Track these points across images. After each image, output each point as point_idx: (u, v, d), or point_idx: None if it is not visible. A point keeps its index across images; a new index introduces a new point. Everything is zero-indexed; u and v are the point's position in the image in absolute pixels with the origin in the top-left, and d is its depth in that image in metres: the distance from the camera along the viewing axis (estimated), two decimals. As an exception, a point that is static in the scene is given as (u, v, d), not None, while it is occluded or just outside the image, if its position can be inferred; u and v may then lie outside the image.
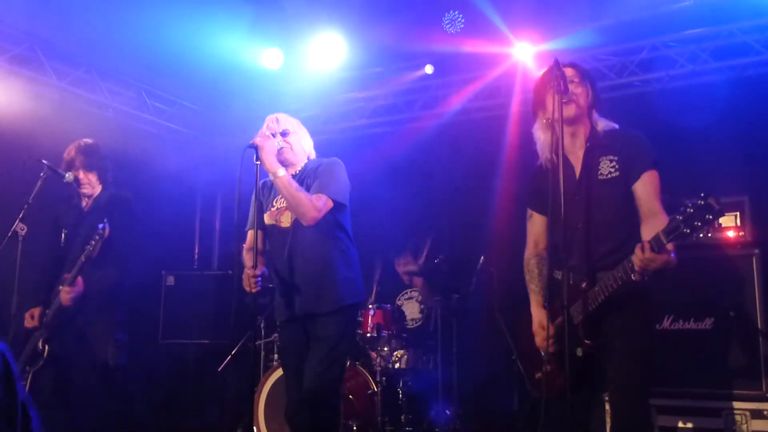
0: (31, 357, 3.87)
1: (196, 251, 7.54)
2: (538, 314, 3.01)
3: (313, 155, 3.59)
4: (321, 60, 6.01)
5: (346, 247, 3.44)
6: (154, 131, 6.59)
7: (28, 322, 3.92)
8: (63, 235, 4.10)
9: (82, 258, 3.78)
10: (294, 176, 3.40)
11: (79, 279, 3.82)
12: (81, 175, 4.09)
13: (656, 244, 2.46)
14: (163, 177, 6.36)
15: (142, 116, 6.44)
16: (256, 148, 3.21)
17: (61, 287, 3.82)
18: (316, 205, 3.23)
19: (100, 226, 3.77)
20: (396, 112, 6.64)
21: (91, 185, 4.15)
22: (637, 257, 2.51)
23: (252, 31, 5.90)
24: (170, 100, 6.71)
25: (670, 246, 2.46)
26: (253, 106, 6.79)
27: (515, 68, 5.80)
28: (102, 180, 4.19)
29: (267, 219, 3.47)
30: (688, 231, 2.33)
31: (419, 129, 6.50)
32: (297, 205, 3.22)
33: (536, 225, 3.11)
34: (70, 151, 4.13)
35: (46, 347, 3.85)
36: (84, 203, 4.17)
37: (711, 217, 2.29)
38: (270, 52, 6.19)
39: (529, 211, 3.15)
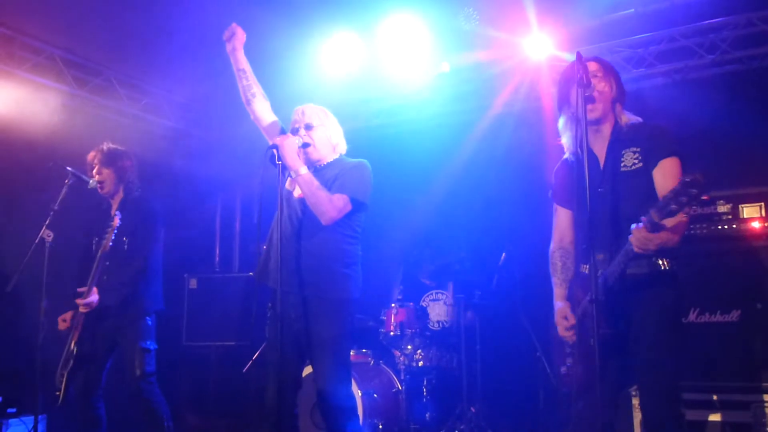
0: (66, 360, 3.95)
1: (217, 254, 7.60)
2: (560, 306, 3.00)
3: (341, 146, 3.54)
4: (334, 60, 6.00)
5: (352, 244, 3.39)
6: (172, 135, 6.64)
7: (61, 326, 4.00)
8: (94, 242, 4.16)
9: (96, 263, 3.84)
10: (318, 169, 3.40)
11: (94, 289, 3.87)
12: (96, 172, 4.13)
13: (649, 224, 2.47)
14: (183, 181, 6.42)
15: (160, 121, 6.50)
16: (277, 148, 3.21)
17: (77, 300, 3.88)
18: (336, 205, 3.23)
19: (117, 216, 3.84)
20: (412, 111, 6.64)
21: (108, 183, 4.14)
22: (634, 237, 2.53)
23: (266, 33, 5.92)
24: (189, 105, 6.76)
25: (670, 222, 2.48)
26: (272, 106, 6.81)
27: (532, 64, 5.77)
28: (122, 183, 4.20)
29: (287, 184, 3.44)
30: (676, 207, 2.36)
31: (436, 127, 6.49)
32: (317, 203, 3.22)
33: (561, 219, 3.12)
34: (91, 153, 4.20)
35: (75, 349, 3.93)
36: (112, 210, 4.22)
37: (696, 191, 2.31)
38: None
39: (555, 205, 3.15)
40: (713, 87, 5.30)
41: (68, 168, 4.04)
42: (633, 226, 2.53)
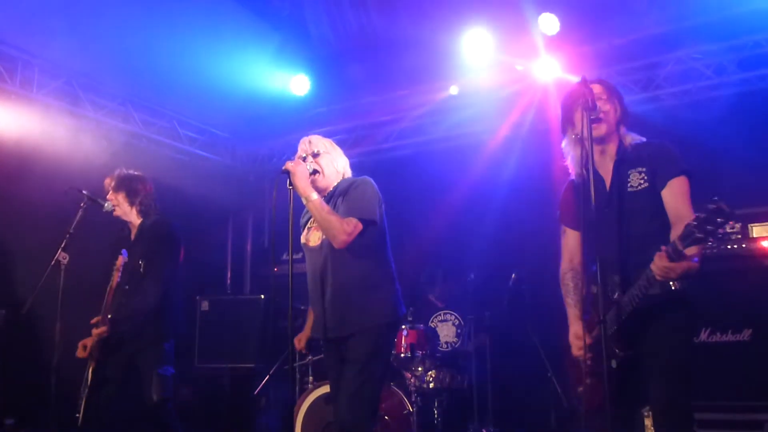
0: (84, 383, 3.95)
1: (229, 276, 7.65)
2: (574, 326, 3.02)
3: (347, 174, 3.56)
4: (347, 84, 6.09)
5: (379, 265, 3.39)
6: (186, 159, 6.74)
7: (80, 353, 3.97)
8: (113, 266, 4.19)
9: (107, 296, 3.86)
10: (326, 197, 3.42)
11: (107, 322, 3.87)
12: (110, 196, 4.15)
13: (673, 252, 2.47)
14: (195, 203, 6.49)
15: (174, 145, 6.60)
16: (288, 173, 3.25)
17: (93, 330, 3.88)
18: (346, 229, 3.21)
19: (122, 255, 3.89)
20: (422, 134, 6.71)
21: (121, 208, 4.15)
22: (655, 265, 2.54)
23: (279, 58, 6.04)
24: (201, 128, 6.87)
25: (691, 251, 2.47)
26: (282, 132, 6.91)
27: (540, 86, 5.82)
28: (134, 206, 4.18)
29: (301, 238, 3.51)
30: (702, 236, 2.34)
31: (445, 150, 6.54)
32: (328, 228, 3.23)
33: (570, 240, 3.14)
34: (107, 179, 4.22)
35: (92, 374, 3.93)
36: (132, 234, 4.22)
37: (722, 220, 2.30)
38: (297, 79, 6.33)
39: (563, 227, 3.17)
40: (721, 107, 5.33)
41: (83, 191, 4.09)
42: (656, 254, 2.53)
